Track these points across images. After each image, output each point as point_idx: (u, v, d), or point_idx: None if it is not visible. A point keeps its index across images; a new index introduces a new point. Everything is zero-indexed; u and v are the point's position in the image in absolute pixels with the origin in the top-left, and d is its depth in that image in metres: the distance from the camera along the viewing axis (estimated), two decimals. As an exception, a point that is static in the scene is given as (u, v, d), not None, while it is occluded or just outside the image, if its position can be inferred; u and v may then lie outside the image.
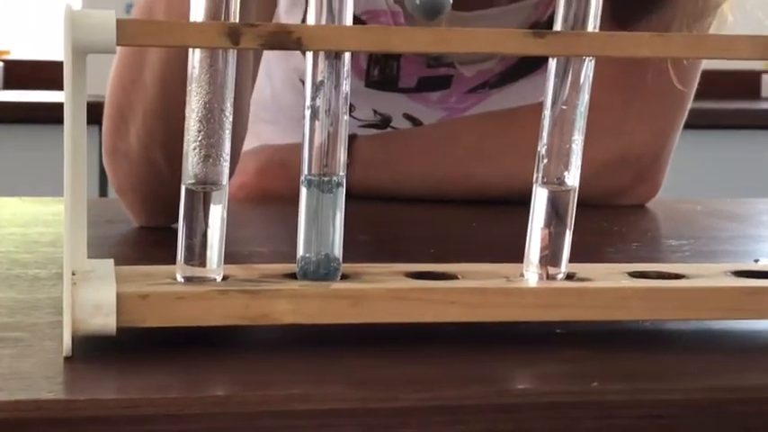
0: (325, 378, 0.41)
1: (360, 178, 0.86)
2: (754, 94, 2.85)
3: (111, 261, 0.47)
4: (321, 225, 0.45)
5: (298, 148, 0.46)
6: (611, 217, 0.80)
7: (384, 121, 0.97)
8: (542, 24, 0.90)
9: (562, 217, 0.47)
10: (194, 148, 0.45)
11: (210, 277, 0.45)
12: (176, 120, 0.45)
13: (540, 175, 0.47)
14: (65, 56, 0.42)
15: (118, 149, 0.72)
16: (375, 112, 0.97)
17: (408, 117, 0.97)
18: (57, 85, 2.43)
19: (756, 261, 0.64)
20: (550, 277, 0.47)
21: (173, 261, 0.46)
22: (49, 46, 2.63)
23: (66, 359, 0.41)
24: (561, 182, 0.47)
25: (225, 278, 0.45)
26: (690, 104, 0.89)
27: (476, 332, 0.46)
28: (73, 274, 0.43)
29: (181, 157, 0.45)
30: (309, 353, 0.43)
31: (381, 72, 0.94)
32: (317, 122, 0.45)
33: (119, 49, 0.72)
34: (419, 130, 0.94)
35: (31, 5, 2.70)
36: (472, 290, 0.45)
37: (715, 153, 2.43)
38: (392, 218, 0.83)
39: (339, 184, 0.45)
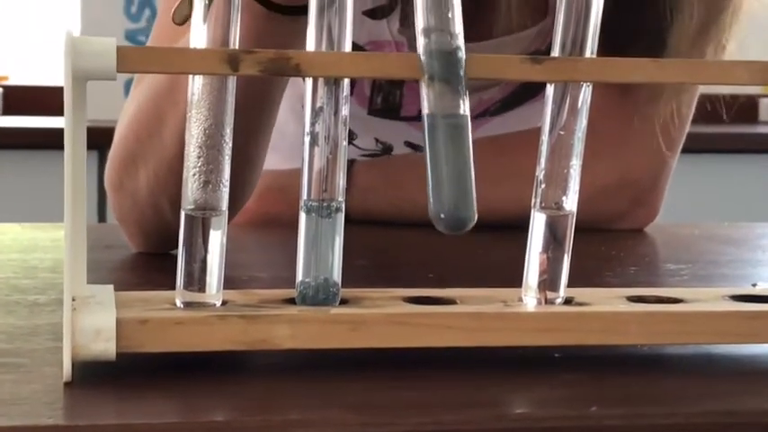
0: (324, 403, 0.41)
1: (359, 203, 0.86)
2: (752, 118, 2.85)
3: (111, 287, 0.47)
4: (320, 250, 0.45)
5: (298, 173, 0.46)
6: (609, 241, 0.80)
7: (385, 150, 0.97)
8: (542, 52, 0.90)
9: (560, 241, 0.47)
10: (194, 174, 0.45)
11: (210, 302, 0.45)
12: None
13: (539, 199, 0.47)
14: (65, 82, 0.42)
15: (125, 186, 0.72)
16: (377, 140, 0.97)
17: (410, 145, 0.97)
18: (56, 110, 2.43)
19: (754, 285, 0.64)
20: (549, 302, 0.47)
21: (172, 286, 0.46)
22: (47, 71, 2.63)
23: (66, 385, 0.41)
24: (559, 206, 0.47)
25: (224, 303, 0.45)
26: (687, 129, 0.90)
27: (474, 357, 0.46)
28: (73, 300, 0.43)
29: None
30: (308, 378, 0.43)
31: (384, 100, 0.94)
32: (316, 148, 0.45)
33: (137, 98, 0.72)
34: (418, 156, 0.94)
35: (29, 31, 2.71)
36: (470, 314, 0.45)
37: (713, 177, 2.43)
38: (391, 242, 0.83)
39: (338, 210, 0.45)
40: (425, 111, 0.42)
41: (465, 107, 0.42)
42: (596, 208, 0.85)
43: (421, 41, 0.43)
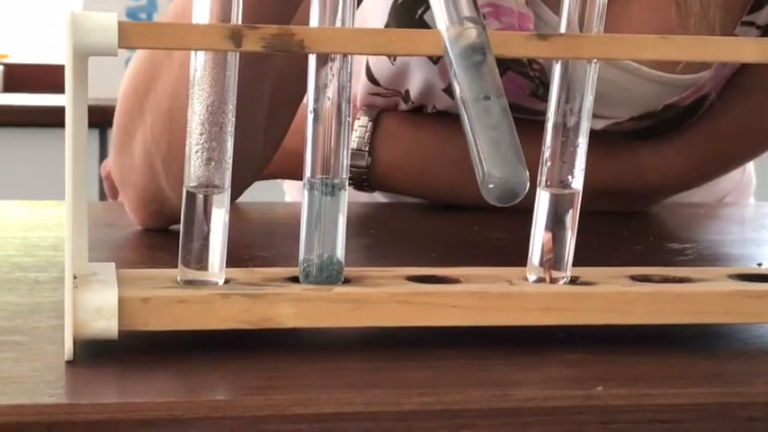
0: (327, 382, 0.41)
1: (381, 181, 0.86)
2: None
3: (113, 264, 0.47)
4: (324, 228, 0.45)
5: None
6: (614, 221, 0.80)
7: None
8: (678, 106, 0.86)
9: (566, 220, 0.47)
10: (196, 151, 0.45)
11: (212, 281, 0.45)
12: (180, 139, 0.45)
13: (544, 178, 0.47)
14: (66, 58, 0.41)
15: (125, 147, 0.71)
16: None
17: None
18: (57, 88, 2.43)
19: (760, 265, 0.64)
20: (553, 281, 0.47)
21: (175, 264, 0.45)
22: (47, 49, 2.63)
23: (68, 363, 0.41)
24: (565, 185, 0.46)
25: (227, 282, 0.45)
26: None
27: (479, 336, 0.46)
28: (74, 278, 0.42)
29: (180, 175, 0.45)
30: (312, 357, 0.43)
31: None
32: (319, 126, 0.45)
33: (137, 54, 0.71)
34: (444, 136, 0.90)
35: (29, 8, 2.70)
36: (475, 293, 0.45)
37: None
38: (394, 221, 0.83)
39: (341, 187, 0.45)
40: (457, 94, 0.41)
41: (494, 89, 0.41)
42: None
43: (444, 35, 0.42)
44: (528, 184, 0.39)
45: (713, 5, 0.75)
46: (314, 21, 0.44)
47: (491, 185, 0.39)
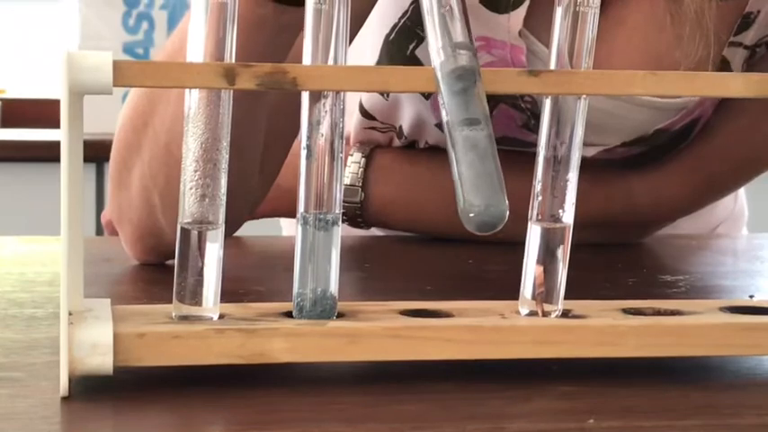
0: (321, 417, 0.41)
1: (374, 216, 0.86)
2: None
3: (108, 300, 0.47)
4: (317, 262, 0.45)
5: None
6: (606, 253, 0.80)
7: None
8: (668, 132, 0.85)
9: (557, 254, 0.47)
10: (191, 188, 0.45)
11: (207, 316, 0.45)
12: (177, 173, 0.45)
13: (535, 212, 0.47)
14: (62, 96, 0.42)
15: (123, 182, 0.72)
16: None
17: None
18: (53, 123, 2.43)
19: (751, 297, 0.64)
20: (546, 314, 0.47)
21: (170, 300, 0.46)
22: (44, 84, 2.64)
23: (63, 399, 0.41)
24: (556, 219, 0.47)
25: (221, 317, 0.45)
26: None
27: (472, 369, 0.46)
28: (70, 314, 0.43)
29: (177, 210, 0.45)
30: (306, 391, 0.43)
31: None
32: (312, 161, 0.45)
33: (134, 88, 0.71)
34: (437, 168, 0.90)
35: (27, 44, 2.71)
36: (468, 327, 0.45)
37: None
38: (389, 254, 0.83)
39: (335, 222, 0.45)
40: (444, 119, 0.42)
41: (480, 116, 0.41)
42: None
43: (435, 60, 0.43)
44: (507, 213, 0.40)
45: (707, 12, 0.75)
46: (306, 58, 0.45)
47: (471, 214, 0.39)
